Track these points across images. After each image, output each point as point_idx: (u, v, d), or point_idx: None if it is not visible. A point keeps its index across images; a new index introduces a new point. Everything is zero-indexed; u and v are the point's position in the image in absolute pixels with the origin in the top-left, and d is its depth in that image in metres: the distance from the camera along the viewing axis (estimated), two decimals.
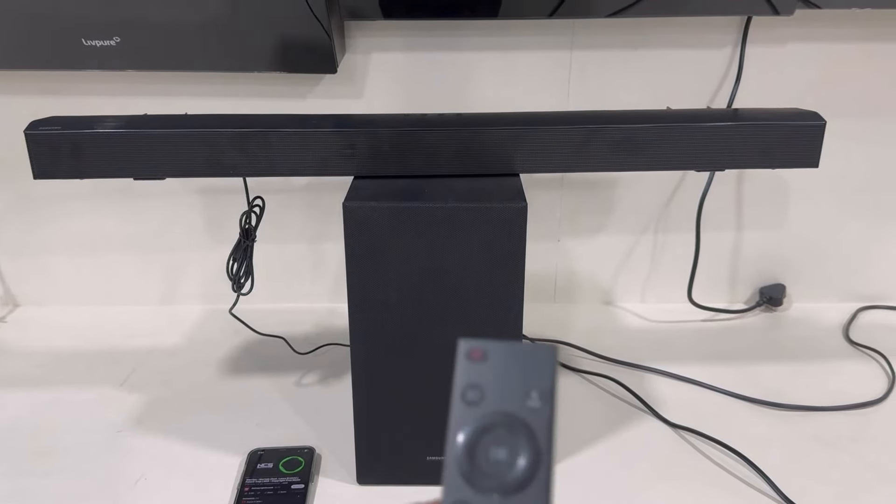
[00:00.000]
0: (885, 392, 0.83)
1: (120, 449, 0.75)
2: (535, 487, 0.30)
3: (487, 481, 0.30)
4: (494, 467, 0.30)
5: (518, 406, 0.30)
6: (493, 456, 0.30)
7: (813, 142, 0.69)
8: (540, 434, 0.30)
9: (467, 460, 0.30)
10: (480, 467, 0.30)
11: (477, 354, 0.32)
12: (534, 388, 0.31)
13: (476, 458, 0.30)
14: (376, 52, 0.89)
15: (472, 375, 0.31)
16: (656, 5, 0.82)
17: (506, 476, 0.30)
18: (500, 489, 0.29)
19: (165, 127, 0.66)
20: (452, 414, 0.31)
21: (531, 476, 0.30)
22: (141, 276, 1.02)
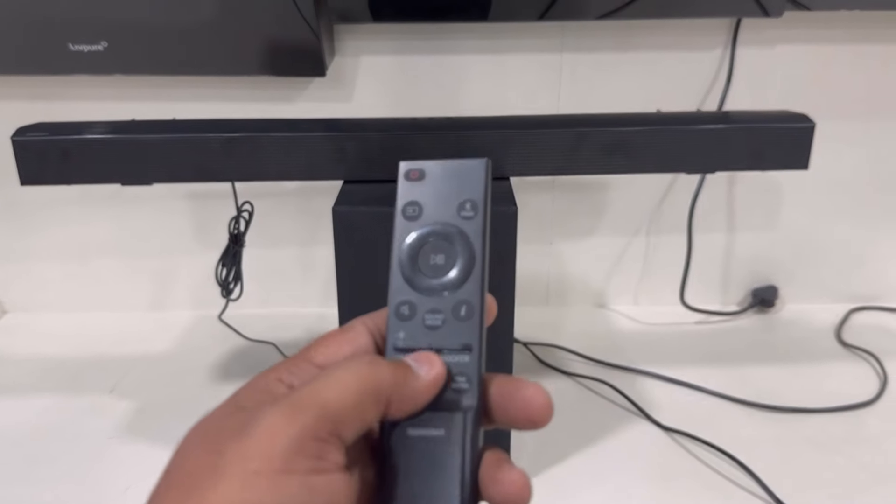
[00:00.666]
0: (877, 393, 0.83)
1: (109, 457, 0.74)
2: (471, 284, 0.33)
3: (428, 283, 0.33)
4: (434, 270, 0.33)
5: (453, 217, 0.33)
6: (433, 261, 0.33)
7: (802, 144, 0.69)
8: (474, 239, 0.33)
9: (409, 266, 0.34)
10: (421, 271, 0.33)
11: (415, 174, 0.35)
12: (467, 200, 0.34)
13: (417, 263, 0.33)
14: (366, 55, 0.89)
15: (411, 194, 0.34)
16: (646, 7, 0.82)
17: (444, 277, 0.33)
18: (440, 288, 0.33)
19: (153, 133, 0.66)
20: (395, 229, 0.34)
21: (466, 275, 0.33)
22: (129, 282, 1.02)
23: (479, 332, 0.32)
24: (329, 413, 0.28)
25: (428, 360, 0.31)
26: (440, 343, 0.32)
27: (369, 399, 0.29)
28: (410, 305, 0.33)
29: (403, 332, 0.33)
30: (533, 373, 0.87)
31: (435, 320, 0.33)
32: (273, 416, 0.28)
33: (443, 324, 0.32)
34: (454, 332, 0.32)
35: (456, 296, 0.33)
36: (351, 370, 0.30)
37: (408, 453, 0.31)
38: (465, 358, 0.32)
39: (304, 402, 0.28)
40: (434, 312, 0.33)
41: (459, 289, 0.33)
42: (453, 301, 0.33)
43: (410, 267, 0.33)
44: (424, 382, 0.31)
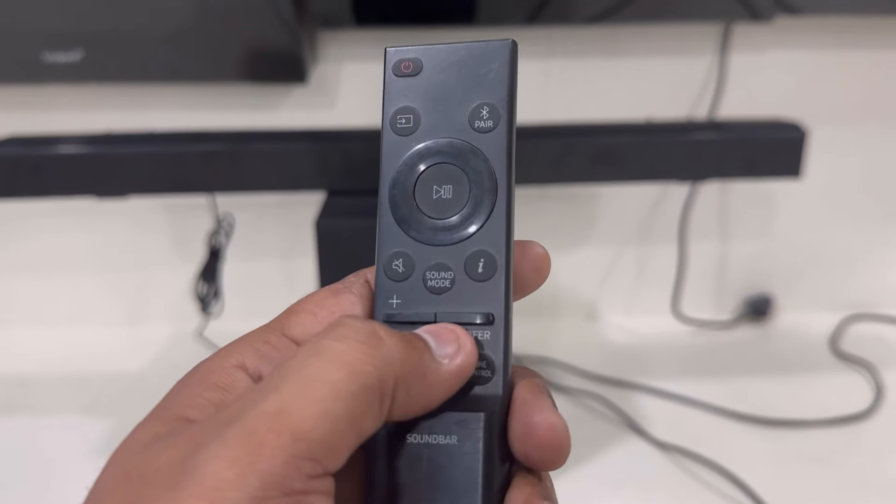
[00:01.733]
0: (875, 404, 0.82)
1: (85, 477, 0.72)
2: (491, 228, 0.23)
3: (430, 227, 0.24)
4: (438, 208, 0.24)
5: (463, 128, 0.24)
6: (437, 194, 0.24)
7: (795, 152, 0.68)
8: (495, 161, 0.24)
9: (404, 203, 0.24)
10: (420, 210, 0.24)
11: (407, 66, 0.25)
12: (484, 103, 0.24)
13: (414, 199, 0.24)
14: (349, 61, 0.87)
15: (403, 96, 0.25)
16: (635, 12, 0.81)
17: (453, 217, 0.24)
18: (447, 234, 0.23)
19: (129, 146, 0.64)
20: (382, 149, 0.25)
21: (485, 215, 0.24)
22: (106, 297, 0.99)
23: (504, 297, 0.24)
24: (306, 446, 0.19)
25: (452, 337, 0.23)
26: (449, 312, 0.23)
27: (368, 401, 0.21)
28: (406, 259, 0.24)
29: (398, 297, 0.24)
30: None
31: (441, 280, 0.24)
32: (219, 458, 0.19)
33: (452, 284, 0.24)
34: (468, 297, 0.24)
35: (470, 245, 0.24)
36: (338, 357, 0.21)
37: (404, 469, 0.22)
38: (486, 334, 0.23)
39: (268, 429, 0.19)
40: (439, 269, 0.24)
41: (475, 235, 0.24)
42: (466, 252, 0.24)
43: (405, 204, 0.25)
44: (447, 372, 0.22)
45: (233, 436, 0.20)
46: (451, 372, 0.22)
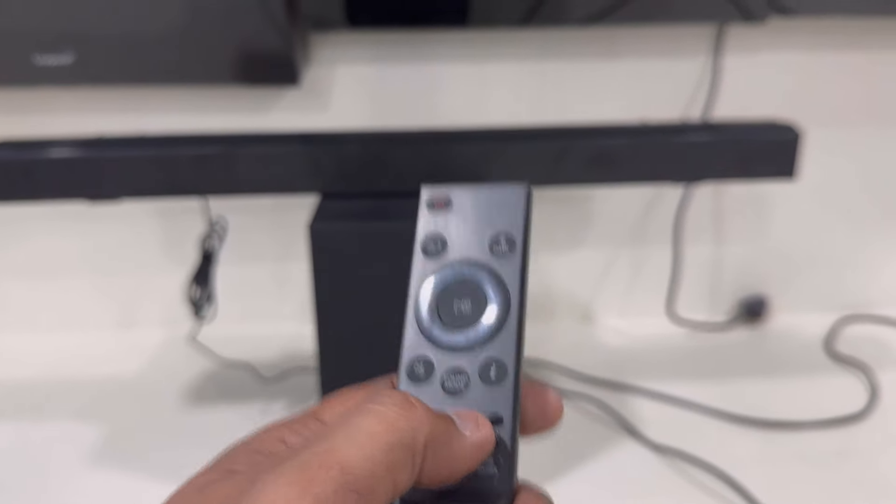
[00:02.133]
0: (870, 405, 0.82)
1: (78, 484, 0.71)
2: (503, 339, 0.27)
3: (450, 336, 0.27)
4: (457, 320, 0.28)
5: (483, 254, 0.28)
6: (457, 308, 0.28)
7: (789, 153, 0.68)
8: (509, 282, 0.28)
9: (428, 314, 0.28)
10: (442, 321, 0.28)
11: (440, 203, 0.29)
12: (502, 233, 0.28)
13: (437, 311, 0.28)
14: (342, 63, 0.86)
15: (433, 226, 0.29)
16: (629, 14, 0.81)
17: (470, 328, 0.27)
18: (465, 343, 0.27)
19: (121, 149, 0.63)
20: (412, 269, 0.29)
21: (498, 327, 0.27)
22: (99, 301, 0.98)
23: (512, 400, 0.26)
24: (352, 478, 0.22)
25: (473, 417, 0.26)
26: None
27: (404, 455, 0.23)
28: (426, 364, 0.27)
29: (418, 396, 0.27)
30: None
31: (457, 382, 0.27)
32: (278, 485, 0.21)
33: (466, 387, 0.27)
34: (481, 399, 0.26)
35: (484, 352, 0.27)
36: (377, 414, 0.24)
37: None
38: (496, 433, 0.26)
39: (319, 464, 0.22)
40: (456, 373, 0.27)
41: (489, 343, 0.27)
42: (481, 359, 0.27)
43: (429, 315, 0.28)
44: (470, 443, 0.25)
45: (287, 468, 0.22)
46: (473, 443, 0.25)
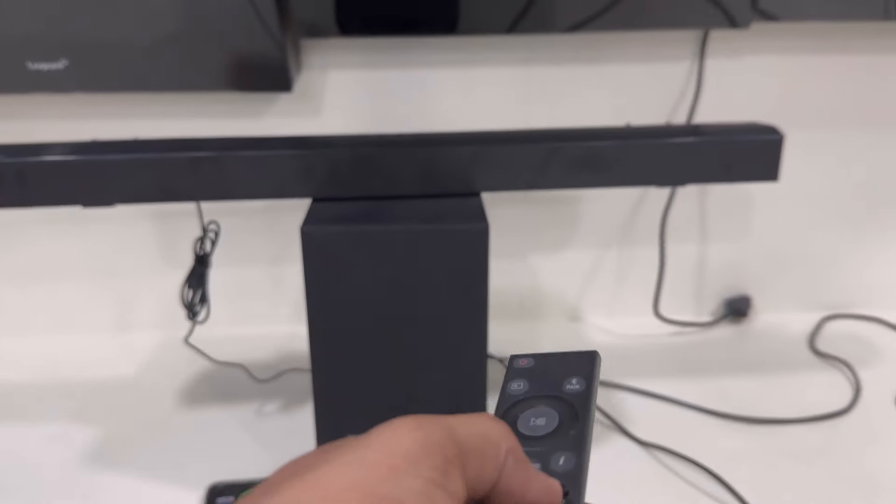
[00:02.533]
0: (852, 402, 0.83)
1: (73, 486, 0.72)
2: (574, 442, 0.31)
3: (525, 445, 0.31)
4: (533, 430, 0.32)
5: (558, 389, 0.33)
6: (533, 423, 0.32)
7: (772, 156, 0.70)
8: (579, 407, 0.32)
9: None
10: (520, 433, 0.32)
11: (523, 362, 0.35)
12: (574, 376, 0.34)
13: (517, 426, 0.32)
14: (333, 69, 0.87)
15: (518, 375, 0.35)
16: (615, 20, 0.82)
17: (545, 436, 0.32)
18: (537, 453, 0.31)
19: (114, 153, 0.64)
20: (498, 403, 0.34)
21: (568, 435, 0.31)
22: (94, 304, 0.99)
23: (578, 488, 0.30)
24: (456, 436, 0.25)
25: (545, 476, 0.29)
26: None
27: (493, 448, 0.26)
28: None
29: None
30: None
31: None
32: (395, 422, 0.25)
33: None
34: None
35: (554, 451, 0.31)
36: (478, 414, 0.28)
37: None
38: None
39: (431, 419, 0.25)
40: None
41: (561, 449, 0.31)
42: (550, 455, 0.31)
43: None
44: (542, 479, 0.28)
45: (403, 418, 0.25)
46: (544, 481, 0.28)
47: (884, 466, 0.73)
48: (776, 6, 0.83)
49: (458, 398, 0.64)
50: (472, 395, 0.64)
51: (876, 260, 1.01)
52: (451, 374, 0.63)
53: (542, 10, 0.81)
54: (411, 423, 0.25)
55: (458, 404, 0.64)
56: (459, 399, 0.64)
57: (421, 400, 0.64)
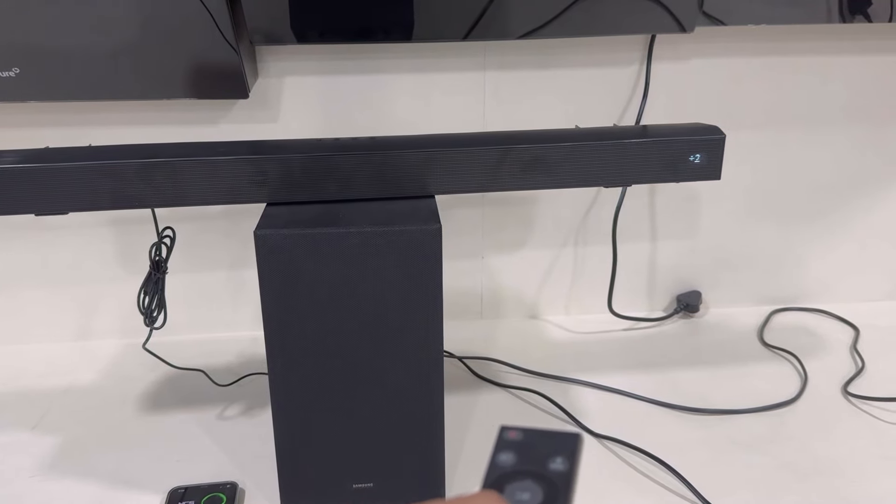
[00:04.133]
0: (799, 392, 0.86)
1: (34, 495, 0.72)
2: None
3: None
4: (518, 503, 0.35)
5: (543, 467, 0.36)
6: (518, 497, 0.35)
7: (714, 154, 0.72)
8: (561, 487, 0.35)
9: None
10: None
11: (513, 434, 0.38)
12: (559, 455, 0.37)
13: (503, 495, 0.35)
14: (290, 75, 0.88)
15: (507, 447, 0.38)
16: (565, 27, 0.83)
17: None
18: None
19: (67, 160, 0.64)
20: (487, 472, 0.37)
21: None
22: (53, 312, 0.98)
23: None
24: None
25: None
26: None
27: None
28: None
29: None
30: (468, 386, 0.88)
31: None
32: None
33: None
34: None
35: None
36: (482, 493, 0.31)
37: None
38: None
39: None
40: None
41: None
42: None
43: None
44: None
45: None
46: None
47: (830, 453, 0.76)
48: (721, 10, 0.85)
49: (415, 397, 0.66)
50: (428, 395, 0.65)
51: (820, 255, 1.04)
52: (409, 373, 0.65)
53: (496, 18, 0.82)
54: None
55: (415, 404, 0.66)
56: (417, 398, 0.66)
57: (379, 400, 0.65)
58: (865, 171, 1.00)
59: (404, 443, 0.67)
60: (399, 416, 0.66)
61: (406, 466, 0.68)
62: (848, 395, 0.86)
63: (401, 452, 0.67)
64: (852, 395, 0.85)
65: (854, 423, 0.81)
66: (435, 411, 0.67)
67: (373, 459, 0.67)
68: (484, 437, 0.79)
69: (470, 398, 0.86)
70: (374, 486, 0.68)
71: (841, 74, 0.94)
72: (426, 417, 0.66)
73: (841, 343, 0.97)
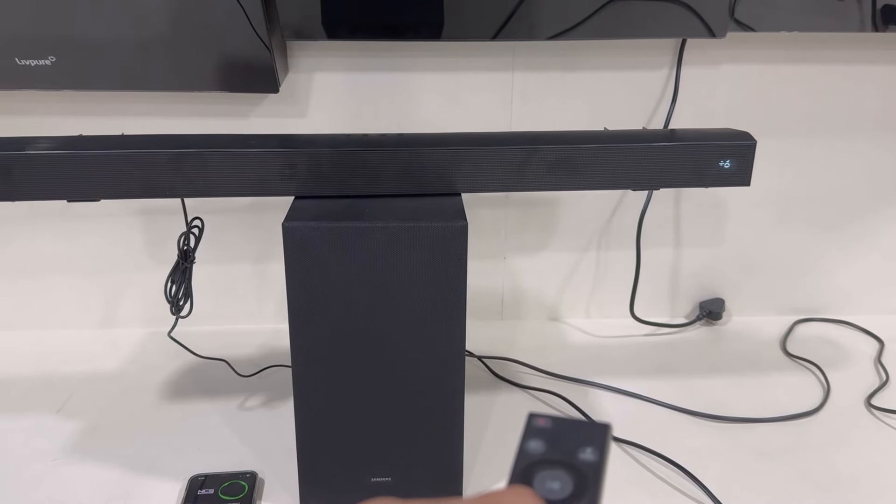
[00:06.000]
0: (821, 403, 0.85)
1: (55, 478, 0.73)
2: None
3: None
4: (549, 493, 0.34)
5: (572, 456, 0.35)
6: (548, 485, 0.34)
7: (744, 161, 0.71)
8: (591, 478, 0.34)
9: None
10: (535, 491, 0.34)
11: (542, 421, 0.38)
12: (589, 445, 0.36)
13: (532, 488, 0.34)
14: (320, 71, 0.89)
15: (535, 434, 0.37)
16: (595, 29, 0.83)
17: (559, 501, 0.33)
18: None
19: (100, 148, 0.65)
20: (515, 459, 0.36)
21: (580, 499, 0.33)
22: (79, 300, 1.00)
23: None
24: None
25: None
26: None
27: None
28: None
29: None
30: (487, 386, 0.88)
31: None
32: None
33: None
34: None
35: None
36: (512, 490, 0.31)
37: None
38: None
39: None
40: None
41: None
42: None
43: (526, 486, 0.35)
44: None
45: None
46: None
47: (851, 465, 0.75)
48: (752, 17, 0.85)
49: (436, 394, 0.66)
50: (449, 391, 0.66)
51: (846, 265, 1.03)
52: (431, 370, 0.65)
53: (525, 19, 0.82)
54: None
55: (436, 400, 0.66)
56: (438, 394, 0.66)
57: (400, 395, 0.65)
58: (894, 181, 0.99)
59: (424, 439, 0.67)
60: (419, 411, 0.66)
61: (425, 462, 0.68)
62: (871, 407, 0.85)
63: (420, 448, 0.67)
64: (875, 408, 0.84)
65: (876, 437, 0.80)
66: (455, 408, 0.67)
67: (392, 454, 0.67)
68: (502, 436, 0.79)
69: (488, 398, 0.86)
70: (392, 481, 0.68)
71: (872, 84, 0.94)
72: (446, 414, 0.67)
73: (865, 355, 0.96)
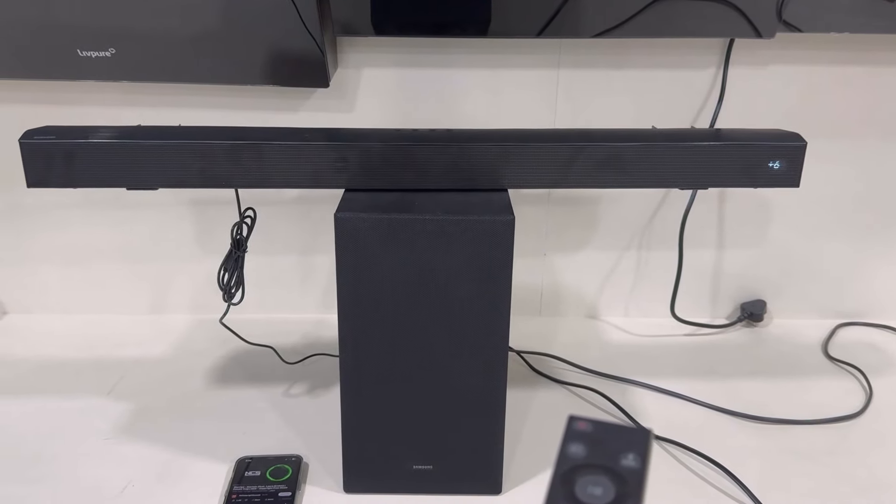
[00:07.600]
0: (863, 406, 0.85)
1: (107, 456, 0.75)
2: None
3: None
4: (591, 499, 0.33)
5: (615, 462, 0.35)
6: (591, 491, 0.34)
7: (794, 162, 0.71)
8: (632, 484, 0.34)
9: (565, 495, 0.34)
10: (577, 498, 0.34)
11: (583, 425, 0.37)
12: (631, 451, 0.36)
13: (574, 492, 0.34)
14: (368, 67, 0.90)
15: (576, 437, 0.37)
16: (641, 27, 0.84)
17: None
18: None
19: (159, 138, 0.67)
20: (556, 463, 0.35)
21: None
22: (130, 286, 1.03)
23: None
24: None
25: None
26: None
27: None
28: None
29: None
30: (526, 381, 0.89)
31: None
32: None
33: None
34: None
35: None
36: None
37: None
38: None
39: None
40: None
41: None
42: None
43: (566, 496, 0.34)
44: None
45: None
46: None
47: (891, 469, 0.75)
48: (800, 18, 0.84)
49: (479, 385, 0.67)
50: (492, 383, 0.67)
51: (890, 269, 1.02)
52: (474, 362, 0.66)
53: (571, 17, 0.83)
54: None
55: (479, 391, 0.67)
56: (481, 386, 0.67)
57: (444, 386, 0.67)
58: None
59: (466, 429, 0.68)
60: (462, 402, 0.68)
61: (465, 452, 0.69)
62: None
63: (462, 438, 0.69)
64: None
65: None
66: (497, 400, 0.68)
67: (434, 443, 0.69)
68: (541, 430, 0.80)
69: (527, 393, 0.87)
70: (433, 469, 0.70)
71: None
72: (488, 406, 0.68)
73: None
